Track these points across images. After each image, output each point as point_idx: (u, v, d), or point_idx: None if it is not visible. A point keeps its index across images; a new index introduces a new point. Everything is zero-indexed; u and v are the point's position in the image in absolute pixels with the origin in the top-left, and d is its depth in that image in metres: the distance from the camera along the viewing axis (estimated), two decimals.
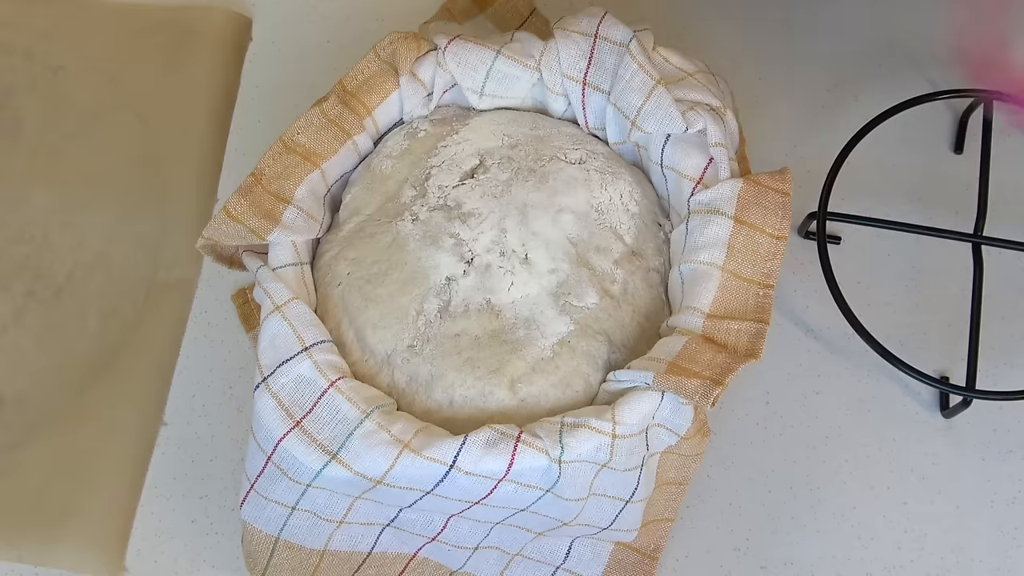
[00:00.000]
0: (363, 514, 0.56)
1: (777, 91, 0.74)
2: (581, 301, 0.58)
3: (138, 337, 0.68)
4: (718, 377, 0.52)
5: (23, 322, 0.68)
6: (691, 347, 0.54)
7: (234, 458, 0.65)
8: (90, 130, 0.74)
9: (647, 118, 0.60)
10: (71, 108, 0.74)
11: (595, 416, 0.53)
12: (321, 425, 0.52)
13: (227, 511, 0.64)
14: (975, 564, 0.63)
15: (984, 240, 0.66)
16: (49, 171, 0.72)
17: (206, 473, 0.65)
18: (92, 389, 0.67)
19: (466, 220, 0.59)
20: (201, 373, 0.67)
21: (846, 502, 0.64)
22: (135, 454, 0.65)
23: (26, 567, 0.63)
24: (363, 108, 0.62)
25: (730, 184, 0.58)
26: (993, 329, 0.67)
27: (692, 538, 0.63)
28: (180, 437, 0.66)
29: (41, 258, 0.70)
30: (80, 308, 0.69)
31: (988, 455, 0.65)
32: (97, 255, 0.70)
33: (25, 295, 0.69)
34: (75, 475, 0.64)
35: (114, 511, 0.64)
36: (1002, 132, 0.70)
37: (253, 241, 0.58)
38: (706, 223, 0.58)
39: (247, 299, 0.69)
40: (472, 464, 0.51)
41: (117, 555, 0.63)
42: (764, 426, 0.66)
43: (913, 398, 0.67)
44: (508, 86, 0.63)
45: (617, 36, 0.61)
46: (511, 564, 0.61)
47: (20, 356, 0.68)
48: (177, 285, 0.70)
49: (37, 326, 0.68)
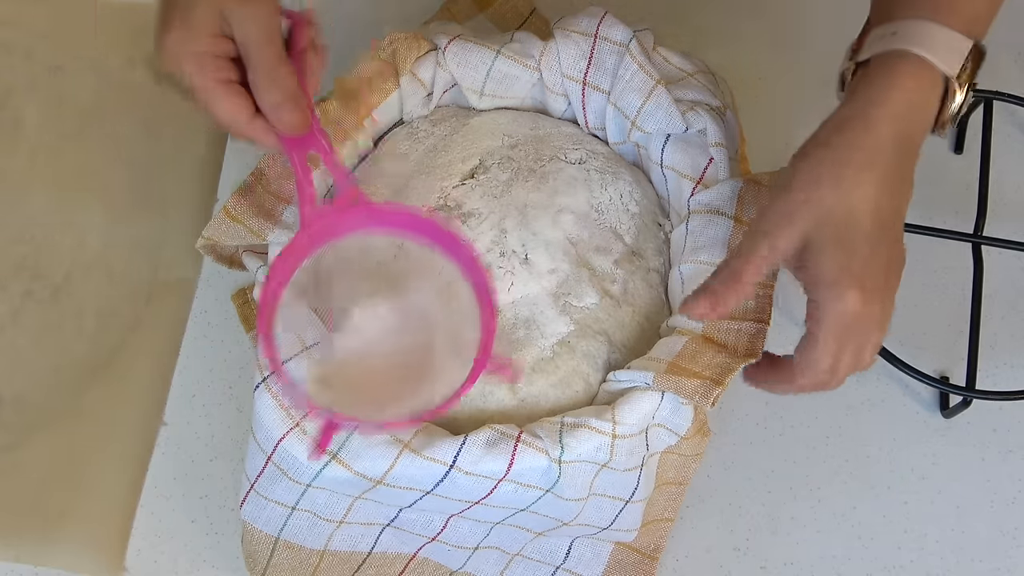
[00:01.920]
0: (363, 514, 0.56)
1: (777, 91, 0.74)
2: (581, 301, 0.58)
3: (138, 337, 0.68)
4: (718, 377, 0.52)
5: (21, 322, 0.68)
6: (691, 347, 0.54)
7: (234, 458, 0.65)
8: (89, 130, 0.73)
9: (647, 118, 0.60)
10: (70, 108, 0.74)
11: (595, 416, 0.53)
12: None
13: (227, 511, 0.64)
14: (975, 564, 0.63)
15: (984, 240, 0.66)
16: (48, 171, 0.72)
17: (206, 473, 0.65)
18: (91, 389, 0.67)
19: (466, 220, 0.59)
20: (201, 373, 0.67)
21: (846, 502, 0.64)
22: (135, 454, 0.65)
23: (25, 567, 0.63)
24: (363, 108, 0.62)
25: (730, 184, 0.58)
26: (993, 329, 0.67)
27: (692, 538, 0.63)
28: (180, 437, 0.66)
29: (40, 258, 0.70)
30: (79, 308, 0.69)
31: (988, 455, 0.65)
32: (96, 255, 0.70)
33: (23, 295, 0.69)
34: (75, 475, 0.64)
35: (114, 511, 0.64)
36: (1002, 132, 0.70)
37: (253, 241, 0.58)
38: (706, 223, 0.58)
39: (247, 299, 0.69)
40: (472, 464, 0.51)
41: (117, 555, 0.63)
42: (764, 426, 0.66)
43: (913, 398, 0.67)
44: (508, 86, 0.63)
45: (617, 36, 0.61)
46: (511, 564, 0.61)
47: (18, 356, 0.67)
48: (177, 285, 0.70)
49: (35, 326, 0.68)
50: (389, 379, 0.52)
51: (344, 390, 0.51)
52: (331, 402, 0.50)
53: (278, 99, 0.49)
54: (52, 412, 0.66)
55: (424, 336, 0.53)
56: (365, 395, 0.51)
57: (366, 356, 0.52)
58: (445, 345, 0.52)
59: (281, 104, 0.50)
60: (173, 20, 0.48)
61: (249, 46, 0.49)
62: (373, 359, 0.52)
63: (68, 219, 0.71)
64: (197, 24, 0.48)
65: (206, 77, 0.48)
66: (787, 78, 0.75)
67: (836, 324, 0.47)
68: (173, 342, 0.68)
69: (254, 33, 0.48)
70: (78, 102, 0.74)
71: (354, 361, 0.52)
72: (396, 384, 0.52)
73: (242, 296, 0.69)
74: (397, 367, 0.52)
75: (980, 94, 0.69)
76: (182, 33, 0.48)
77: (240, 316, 0.68)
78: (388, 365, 0.52)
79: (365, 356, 0.52)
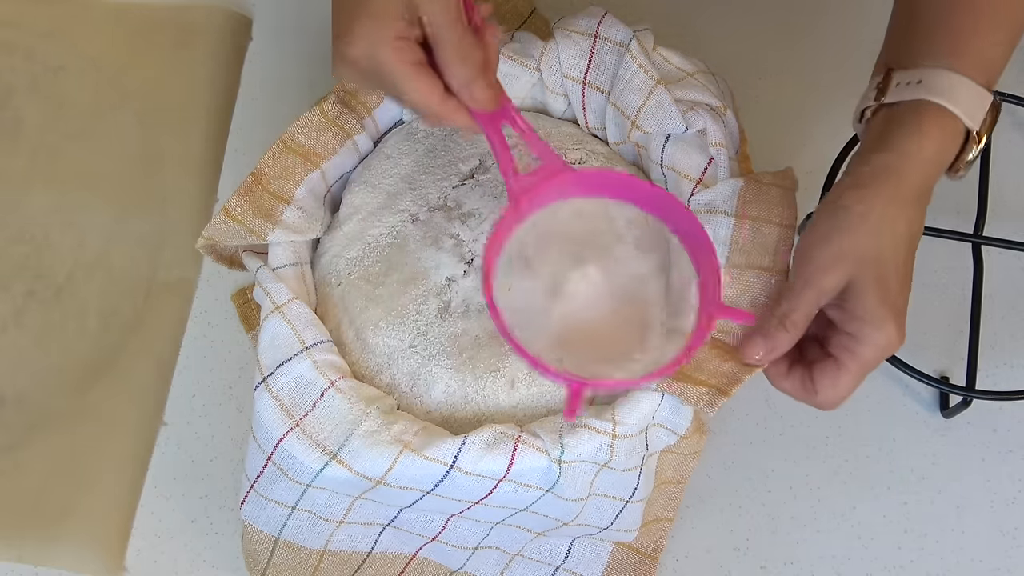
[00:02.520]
0: (363, 514, 0.56)
1: (777, 91, 0.74)
2: None
3: (138, 337, 0.68)
4: (724, 387, 0.52)
5: (23, 322, 0.68)
6: (697, 354, 0.54)
7: (234, 458, 0.65)
8: (90, 130, 0.74)
9: (647, 118, 0.60)
10: (71, 108, 0.74)
11: (595, 416, 0.53)
12: (321, 425, 0.52)
13: (227, 511, 0.64)
14: (975, 564, 0.63)
15: (984, 240, 0.66)
16: (49, 171, 0.72)
17: (206, 473, 0.65)
18: (92, 389, 0.67)
19: (466, 220, 0.59)
20: (201, 373, 0.67)
21: (846, 502, 0.64)
22: (135, 454, 0.65)
23: (26, 567, 0.63)
24: (363, 108, 0.62)
25: (730, 184, 0.58)
26: (993, 329, 0.67)
27: (692, 538, 0.63)
28: (180, 437, 0.66)
29: (41, 258, 0.70)
30: (80, 308, 0.69)
31: (988, 455, 0.65)
32: (97, 255, 0.70)
33: (25, 295, 0.69)
34: (75, 475, 0.64)
35: (114, 511, 0.64)
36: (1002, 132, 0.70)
37: (253, 241, 0.58)
38: (707, 222, 0.58)
39: (247, 299, 0.69)
40: (472, 464, 0.51)
41: (117, 555, 0.63)
42: (764, 426, 0.66)
43: (913, 398, 0.67)
44: (508, 86, 0.63)
45: (617, 36, 0.61)
46: (511, 564, 0.61)
47: (20, 356, 0.68)
48: (177, 285, 0.70)
49: (37, 326, 0.68)
50: (613, 339, 0.53)
51: (572, 351, 0.52)
52: (563, 364, 0.51)
53: (471, 76, 0.50)
54: (53, 412, 0.66)
55: (640, 295, 0.54)
56: (593, 354, 0.52)
57: (586, 320, 0.53)
58: (660, 302, 0.54)
59: (473, 81, 0.50)
60: (357, 12, 0.49)
61: (438, 27, 0.49)
62: (593, 321, 0.53)
63: (69, 219, 0.71)
64: (383, 12, 0.49)
65: (403, 61, 0.49)
66: (787, 77, 0.75)
67: (873, 355, 0.51)
68: (173, 342, 0.68)
69: (441, 14, 0.49)
70: (78, 102, 0.74)
71: (576, 324, 0.53)
72: (621, 343, 0.53)
73: (242, 296, 0.69)
74: (619, 326, 0.53)
75: None
76: (372, 22, 0.49)
77: (240, 316, 0.68)
78: (610, 326, 0.53)
79: (585, 320, 0.53)
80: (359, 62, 0.49)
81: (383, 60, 0.49)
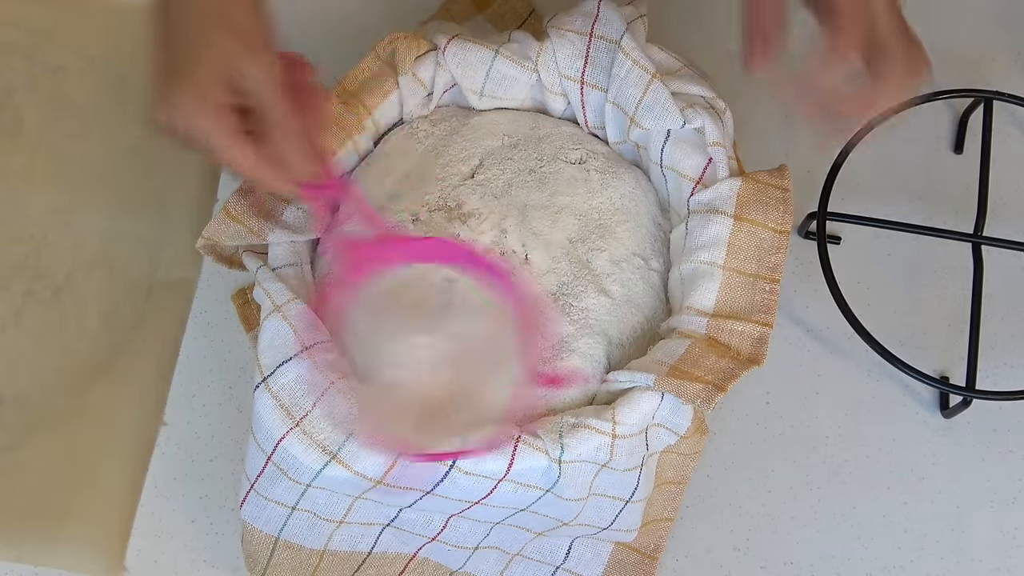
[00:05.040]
0: (363, 514, 0.56)
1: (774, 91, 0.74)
2: (581, 301, 0.58)
3: (138, 337, 0.68)
4: (721, 383, 0.52)
5: (22, 322, 0.68)
6: (694, 351, 0.54)
7: (234, 458, 0.65)
8: (90, 130, 0.74)
9: (645, 112, 0.59)
10: (71, 108, 0.74)
11: (595, 416, 0.53)
12: (321, 425, 0.52)
13: (227, 511, 0.64)
14: (975, 564, 0.63)
15: (984, 240, 0.66)
16: (49, 171, 0.72)
17: (206, 473, 0.65)
18: (92, 389, 0.67)
19: (466, 220, 0.59)
20: (201, 373, 0.67)
21: (846, 502, 0.64)
22: (135, 454, 0.65)
23: (26, 567, 0.63)
24: (363, 108, 0.62)
25: (729, 183, 0.58)
26: (993, 329, 0.67)
27: (692, 538, 0.63)
28: (180, 437, 0.66)
29: (40, 258, 0.70)
30: (79, 308, 0.69)
31: (988, 455, 0.65)
32: (97, 255, 0.70)
33: (24, 295, 0.69)
34: (75, 475, 0.64)
35: (114, 511, 0.64)
36: (1002, 132, 0.70)
37: (253, 241, 0.58)
38: (706, 222, 0.58)
39: (247, 299, 0.69)
40: (472, 464, 0.51)
41: (117, 555, 0.63)
42: (764, 426, 0.66)
43: (913, 398, 0.67)
44: (507, 88, 0.63)
45: (612, 33, 0.60)
46: (511, 564, 0.61)
47: (19, 356, 0.67)
48: (177, 285, 0.70)
49: (36, 326, 0.68)
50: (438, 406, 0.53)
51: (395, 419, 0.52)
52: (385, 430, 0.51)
53: (299, 150, 0.50)
54: (53, 412, 0.66)
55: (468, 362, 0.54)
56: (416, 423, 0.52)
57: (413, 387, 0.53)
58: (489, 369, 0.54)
59: (303, 155, 0.50)
60: (179, 77, 0.48)
61: (265, 98, 0.49)
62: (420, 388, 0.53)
63: (68, 219, 0.71)
64: (206, 80, 0.47)
65: (225, 133, 0.48)
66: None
67: None
68: (173, 342, 0.68)
69: (268, 85, 0.48)
70: (78, 102, 0.74)
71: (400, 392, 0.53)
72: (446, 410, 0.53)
73: (242, 296, 0.69)
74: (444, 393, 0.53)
75: (980, 94, 0.69)
76: (194, 90, 0.47)
77: (240, 316, 0.68)
78: (436, 393, 0.53)
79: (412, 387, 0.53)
80: (176, 130, 0.48)
81: (203, 128, 0.48)
